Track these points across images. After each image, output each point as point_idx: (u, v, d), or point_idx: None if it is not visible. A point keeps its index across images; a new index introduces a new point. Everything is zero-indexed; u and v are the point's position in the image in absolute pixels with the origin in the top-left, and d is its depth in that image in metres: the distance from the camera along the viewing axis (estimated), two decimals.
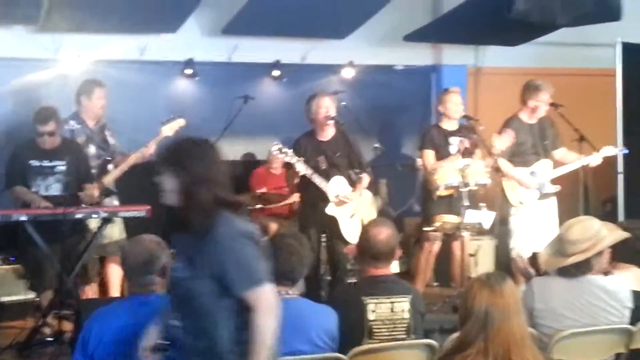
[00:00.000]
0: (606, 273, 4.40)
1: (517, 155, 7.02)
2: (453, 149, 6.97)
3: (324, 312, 3.99)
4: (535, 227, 6.84)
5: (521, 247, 6.97)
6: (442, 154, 6.96)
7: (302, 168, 6.43)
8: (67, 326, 5.79)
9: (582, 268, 4.17)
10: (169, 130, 6.71)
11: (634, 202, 7.87)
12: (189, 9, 7.89)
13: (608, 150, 7.12)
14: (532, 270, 6.69)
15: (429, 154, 7.01)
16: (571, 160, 7.04)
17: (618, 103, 7.84)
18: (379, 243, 4.23)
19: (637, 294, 4.33)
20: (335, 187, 6.59)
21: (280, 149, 6.41)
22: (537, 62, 9.28)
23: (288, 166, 6.59)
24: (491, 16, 7.61)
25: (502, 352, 3.15)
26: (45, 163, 6.24)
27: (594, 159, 6.96)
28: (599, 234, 4.21)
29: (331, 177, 6.59)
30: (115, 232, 6.61)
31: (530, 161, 7.03)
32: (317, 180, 6.49)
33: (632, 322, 4.20)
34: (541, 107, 7.01)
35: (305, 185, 6.55)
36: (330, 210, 6.57)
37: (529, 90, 7.06)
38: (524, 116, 7.09)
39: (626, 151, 7.40)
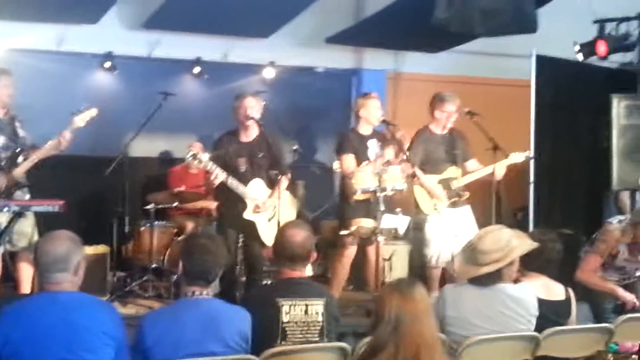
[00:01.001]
0: (516, 281, 4.51)
1: (428, 164, 7.16)
2: (371, 152, 7.04)
3: (237, 313, 3.97)
4: (450, 235, 6.98)
5: (438, 255, 7.11)
6: (360, 158, 7.00)
7: (218, 174, 6.41)
8: None
9: (493, 278, 4.25)
10: (81, 120, 6.57)
11: (544, 211, 8.06)
12: (110, 1, 7.79)
13: (515, 157, 7.28)
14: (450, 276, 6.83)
15: (350, 158, 7.00)
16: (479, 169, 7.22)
17: (532, 114, 8.01)
18: (294, 245, 4.24)
19: (543, 302, 4.45)
20: (253, 190, 6.59)
21: (194, 155, 6.36)
22: (456, 70, 9.45)
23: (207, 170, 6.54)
24: (412, 22, 7.71)
25: (412, 355, 3.20)
26: None
27: (499, 168, 7.10)
28: (509, 244, 4.30)
29: (250, 179, 6.59)
30: (27, 226, 6.45)
31: (440, 169, 7.17)
32: (234, 184, 6.48)
33: (538, 330, 4.32)
34: (446, 117, 7.15)
35: (223, 186, 6.52)
36: (247, 215, 6.57)
37: (435, 101, 7.22)
38: (434, 127, 7.25)
39: (531, 156, 7.55)
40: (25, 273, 6.50)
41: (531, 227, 7.64)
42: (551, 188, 8.24)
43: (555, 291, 4.65)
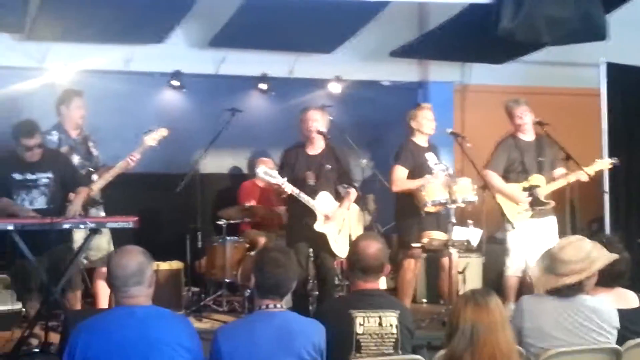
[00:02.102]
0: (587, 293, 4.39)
1: (511, 172, 7.11)
2: (432, 164, 7.00)
3: (312, 325, 3.95)
4: (532, 246, 6.85)
5: (517, 266, 7.01)
6: (422, 170, 7.00)
7: (289, 188, 6.43)
8: (54, 337, 5.74)
9: (573, 289, 4.14)
10: (151, 140, 6.73)
11: (621, 220, 7.89)
12: (176, 21, 7.89)
13: (600, 164, 7.20)
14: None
15: (401, 170, 7.05)
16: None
17: (603, 123, 7.87)
18: (368, 256, 4.20)
19: (622, 312, 4.34)
20: (322, 203, 6.60)
21: (265, 172, 6.39)
22: (523, 80, 9.34)
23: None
24: (477, 33, 7.63)
25: None
26: (29, 176, 6.15)
27: (584, 175, 6.99)
28: (591, 255, 4.19)
29: (318, 192, 6.60)
30: (103, 242, 6.60)
31: (521, 178, 7.07)
32: (304, 198, 6.50)
33: (619, 342, 4.21)
34: (521, 120, 7.06)
35: (293, 199, 6.54)
36: (318, 227, 6.58)
37: (507, 112, 7.21)
38: (520, 134, 7.19)
39: (617, 162, 7.38)
40: (103, 289, 6.63)
41: None
42: (628, 197, 8.07)
43: (629, 299, 4.52)
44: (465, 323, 3.22)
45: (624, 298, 4.51)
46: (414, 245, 6.87)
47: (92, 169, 6.70)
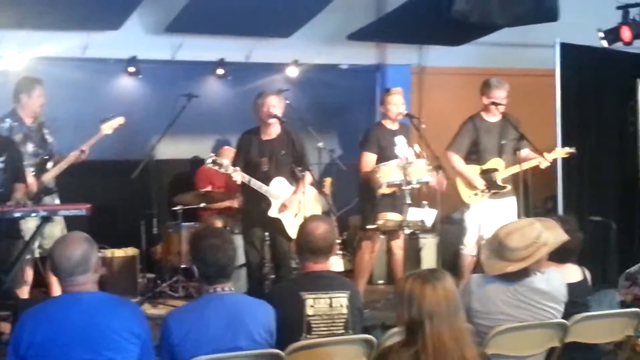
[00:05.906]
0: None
1: (474, 153, 7.12)
2: (398, 149, 7.03)
3: (261, 306, 3.98)
4: (490, 226, 6.86)
5: (474, 245, 7.05)
6: (387, 154, 6.99)
7: (238, 177, 6.44)
8: (5, 327, 5.70)
9: (519, 274, 4.16)
10: (108, 128, 6.73)
11: (574, 199, 7.97)
12: (131, 6, 7.83)
13: (557, 152, 7.26)
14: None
15: (369, 157, 7.02)
16: (530, 159, 7.10)
17: (557, 103, 7.94)
18: (316, 237, 4.23)
19: (571, 286, 4.39)
20: (276, 189, 6.60)
21: (214, 161, 6.38)
22: (479, 62, 9.39)
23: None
24: (433, 16, 7.67)
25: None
26: None
27: (545, 162, 7.04)
28: (538, 240, 4.17)
29: (273, 178, 6.60)
30: (57, 231, 6.54)
31: (485, 160, 7.10)
32: (257, 185, 6.50)
33: (565, 315, 4.26)
34: (493, 103, 7.08)
35: (247, 186, 6.54)
36: (273, 212, 6.58)
37: (482, 87, 7.19)
38: (485, 114, 7.18)
39: (574, 152, 7.41)
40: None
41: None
42: (580, 176, 8.13)
43: (572, 273, 4.58)
44: (424, 307, 3.10)
45: (567, 272, 4.56)
46: (368, 227, 6.90)
47: (47, 157, 6.66)
